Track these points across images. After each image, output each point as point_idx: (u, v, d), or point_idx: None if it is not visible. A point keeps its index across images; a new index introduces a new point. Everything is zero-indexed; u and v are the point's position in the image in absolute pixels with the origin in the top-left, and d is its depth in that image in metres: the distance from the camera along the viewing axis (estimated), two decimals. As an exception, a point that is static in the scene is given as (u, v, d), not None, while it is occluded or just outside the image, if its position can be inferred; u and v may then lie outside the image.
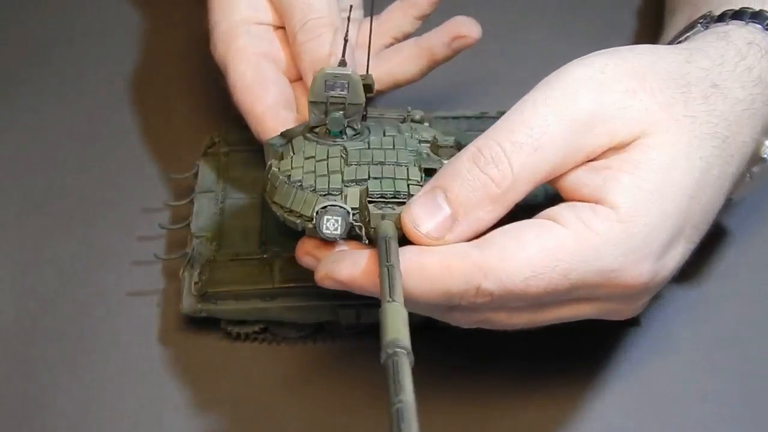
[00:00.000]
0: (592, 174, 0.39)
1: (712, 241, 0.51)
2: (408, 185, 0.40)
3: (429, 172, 0.41)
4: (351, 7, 0.46)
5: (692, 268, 0.48)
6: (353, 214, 0.40)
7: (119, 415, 0.46)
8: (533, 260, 0.37)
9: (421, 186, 0.40)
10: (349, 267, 0.38)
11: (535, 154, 0.38)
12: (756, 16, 0.44)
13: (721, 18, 0.45)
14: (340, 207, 0.40)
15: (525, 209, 0.40)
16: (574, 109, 0.39)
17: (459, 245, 0.38)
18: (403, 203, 0.39)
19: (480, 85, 0.62)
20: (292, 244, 0.48)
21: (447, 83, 0.61)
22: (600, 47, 0.64)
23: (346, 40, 0.44)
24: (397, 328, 0.32)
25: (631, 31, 0.66)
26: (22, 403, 0.47)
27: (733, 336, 0.49)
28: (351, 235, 0.40)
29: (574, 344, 0.46)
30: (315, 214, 0.40)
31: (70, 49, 0.65)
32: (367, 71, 0.44)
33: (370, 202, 0.40)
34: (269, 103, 0.49)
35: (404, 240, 0.39)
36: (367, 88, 0.43)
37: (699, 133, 0.40)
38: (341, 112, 0.42)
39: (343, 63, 0.45)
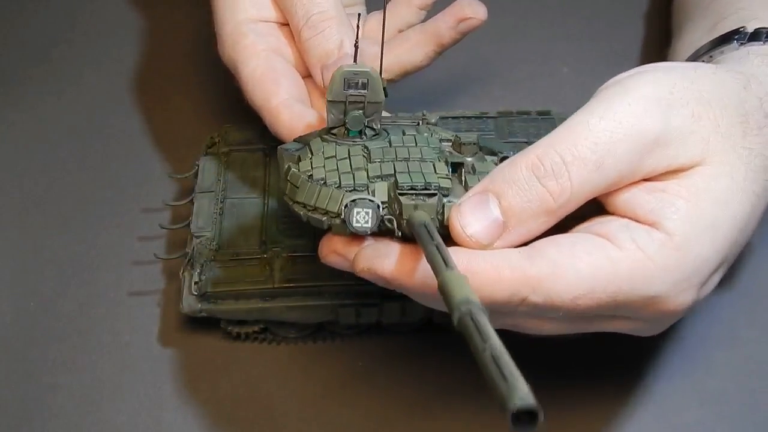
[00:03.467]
0: (648, 195, 0.38)
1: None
2: (438, 177, 0.39)
3: (455, 167, 0.41)
4: (360, 15, 0.45)
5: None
6: (383, 208, 0.39)
7: (119, 415, 0.46)
8: (584, 280, 0.37)
9: (450, 179, 0.40)
10: (391, 262, 0.38)
11: (596, 172, 0.37)
12: None
13: (756, 36, 0.45)
14: (370, 200, 0.38)
15: None
16: (641, 129, 0.37)
17: (510, 253, 0.37)
18: (434, 194, 0.38)
19: (480, 85, 0.62)
20: (292, 244, 0.48)
21: (447, 83, 0.61)
22: (600, 47, 0.65)
23: (356, 46, 0.43)
24: (463, 289, 0.30)
25: (632, 32, 0.66)
26: (22, 403, 0.47)
27: (734, 336, 0.49)
28: (381, 229, 0.39)
29: (571, 341, 0.46)
30: (343, 208, 0.38)
31: (70, 49, 0.65)
32: (381, 74, 0.43)
33: (400, 194, 0.38)
34: (283, 96, 0.49)
35: (442, 236, 0.37)
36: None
37: (754, 166, 0.39)
38: (360, 111, 0.41)
39: None
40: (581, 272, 0.37)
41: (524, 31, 0.66)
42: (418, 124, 0.46)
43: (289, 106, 0.48)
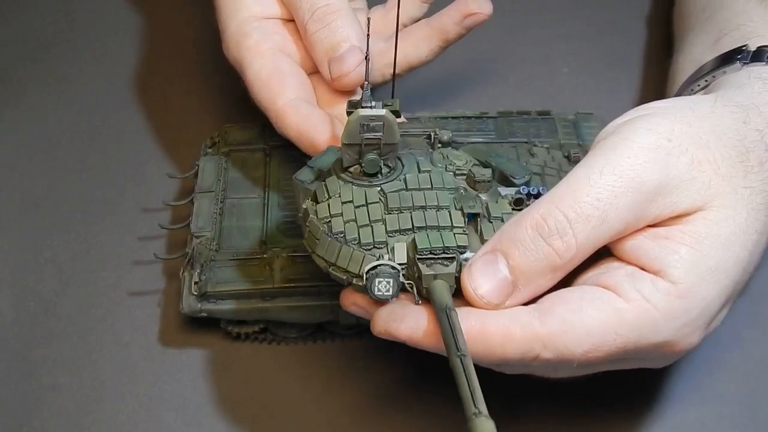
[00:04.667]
0: (652, 242, 0.39)
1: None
2: (455, 235, 0.40)
3: (471, 215, 0.41)
4: (369, 19, 0.45)
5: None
6: (402, 270, 0.39)
7: (119, 415, 0.46)
8: (594, 335, 0.37)
9: (466, 233, 0.40)
10: (410, 327, 0.38)
11: (600, 227, 0.38)
12: None
13: (758, 56, 0.46)
14: (391, 267, 0.39)
15: None
16: (641, 181, 0.38)
17: (520, 313, 0.38)
18: (453, 258, 0.39)
19: (480, 85, 0.62)
20: (292, 244, 0.48)
21: (447, 83, 0.61)
22: (600, 47, 0.65)
23: (367, 59, 0.43)
24: None
25: (632, 33, 0.66)
26: (22, 403, 0.47)
27: (733, 336, 0.49)
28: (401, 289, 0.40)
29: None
30: (365, 274, 0.39)
31: (70, 49, 0.65)
32: (393, 95, 0.43)
33: (419, 259, 0.39)
34: (289, 96, 0.49)
35: (456, 291, 0.39)
36: (395, 113, 0.42)
37: (756, 205, 0.40)
38: (376, 154, 0.41)
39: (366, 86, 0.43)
40: (590, 328, 0.37)
41: (524, 31, 0.66)
42: (429, 137, 0.46)
43: (295, 106, 0.48)
